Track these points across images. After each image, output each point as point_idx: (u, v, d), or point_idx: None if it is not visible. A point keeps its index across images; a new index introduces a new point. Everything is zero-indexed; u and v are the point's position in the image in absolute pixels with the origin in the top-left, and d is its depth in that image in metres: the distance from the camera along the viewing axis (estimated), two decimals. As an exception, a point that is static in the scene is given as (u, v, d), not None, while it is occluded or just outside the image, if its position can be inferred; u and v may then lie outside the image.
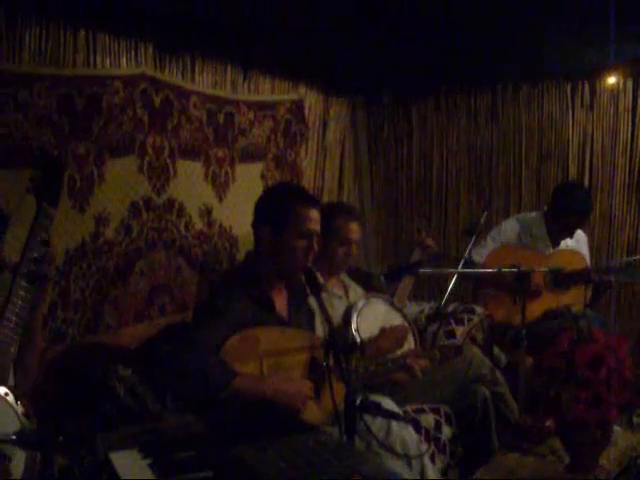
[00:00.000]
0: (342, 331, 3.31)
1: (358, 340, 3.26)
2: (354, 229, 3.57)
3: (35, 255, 2.24)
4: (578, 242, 4.62)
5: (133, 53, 3.53)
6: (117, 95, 3.40)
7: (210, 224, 4.06)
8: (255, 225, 2.91)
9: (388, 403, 2.81)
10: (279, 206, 2.84)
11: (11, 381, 2.15)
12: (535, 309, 4.26)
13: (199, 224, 3.99)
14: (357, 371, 2.87)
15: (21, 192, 2.68)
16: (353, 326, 3.35)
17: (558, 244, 4.54)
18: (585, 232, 4.74)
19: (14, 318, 2.19)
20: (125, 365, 3.00)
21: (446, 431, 3.36)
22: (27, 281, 2.21)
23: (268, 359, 2.65)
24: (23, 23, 2.97)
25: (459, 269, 4.06)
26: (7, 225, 2.66)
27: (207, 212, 4.04)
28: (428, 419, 3.32)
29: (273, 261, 2.84)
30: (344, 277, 3.70)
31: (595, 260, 4.98)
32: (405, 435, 2.83)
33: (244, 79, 4.33)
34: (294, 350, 2.74)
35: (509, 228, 4.60)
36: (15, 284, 2.21)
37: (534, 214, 4.68)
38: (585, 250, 4.69)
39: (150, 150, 3.63)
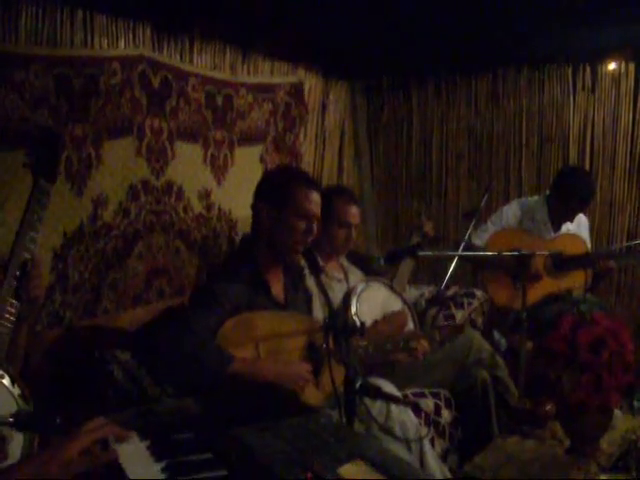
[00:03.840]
0: (342, 314, 3.30)
1: (358, 323, 3.25)
2: (353, 212, 3.56)
3: (18, 273, 2.21)
4: (579, 226, 4.61)
5: (131, 34, 3.49)
6: (115, 76, 3.36)
7: (209, 207, 4.04)
8: (255, 206, 2.89)
9: (388, 386, 2.81)
10: (280, 187, 2.83)
11: None
12: (535, 293, 4.24)
13: (198, 207, 3.96)
14: (356, 353, 2.86)
15: (18, 173, 2.67)
16: (353, 309, 3.34)
17: (559, 228, 4.52)
18: (586, 215, 4.72)
19: (7, 315, 2.17)
20: (123, 349, 2.98)
21: (446, 415, 3.37)
22: (14, 298, 2.19)
23: (265, 343, 2.64)
24: (19, 3, 2.93)
25: (459, 252, 4.04)
26: None
27: (206, 195, 4.02)
28: (428, 403, 3.32)
29: (272, 243, 2.83)
30: (343, 260, 3.69)
31: (595, 245, 4.97)
32: (405, 419, 2.83)
33: (243, 61, 4.30)
34: (291, 333, 2.73)
35: (511, 212, 4.58)
36: (6, 281, 2.18)
37: (536, 198, 4.67)
38: (586, 234, 4.68)
39: (148, 132, 3.60)
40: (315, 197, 2.83)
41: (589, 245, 4.64)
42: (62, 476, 1.48)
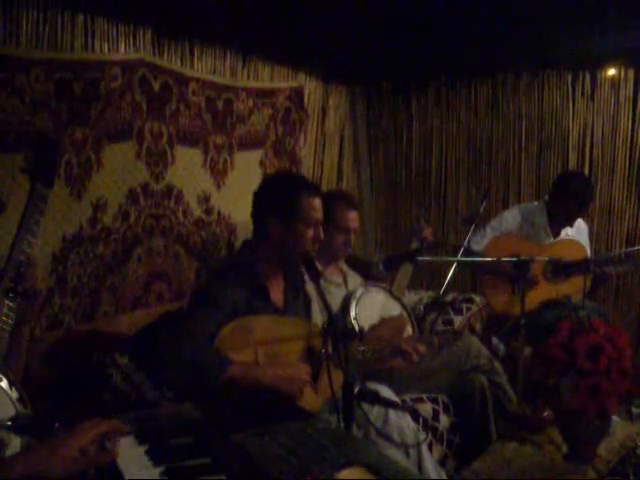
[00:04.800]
0: (340, 318, 3.30)
1: (357, 328, 3.25)
2: (353, 217, 3.56)
3: (20, 269, 2.21)
4: (579, 231, 4.61)
5: (131, 38, 3.49)
6: (115, 80, 3.37)
7: (208, 211, 4.05)
8: (257, 215, 2.89)
9: (386, 392, 2.81)
10: (285, 196, 2.83)
11: None
12: (533, 299, 4.24)
13: (197, 211, 3.97)
14: (354, 358, 2.86)
15: (17, 177, 2.67)
16: (352, 314, 3.34)
17: (559, 233, 4.53)
18: (585, 221, 4.73)
19: (4, 318, 2.17)
20: (122, 352, 2.98)
21: (444, 420, 3.37)
22: (11, 297, 2.19)
23: (263, 347, 2.63)
24: (20, 6, 2.93)
25: (458, 258, 4.04)
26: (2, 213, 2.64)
27: (205, 199, 4.02)
28: (426, 408, 3.32)
29: (279, 250, 2.83)
30: (342, 265, 3.69)
31: (595, 251, 4.97)
32: (403, 424, 2.83)
33: (243, 66, 4.30)
34: (290, 338, 2.72)
35: (510, 217, 4.58)
36: (3, 284, 2.19)
37: (535, 203, 4.68)
38: (585, 239, 4.68)
39: (148, 136, 3.60)
40: (318, 203, 2.85)
41: (588, 250, 4.64)
42: (62, 473, 1.49)
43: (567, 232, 4.54)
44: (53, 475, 1.49)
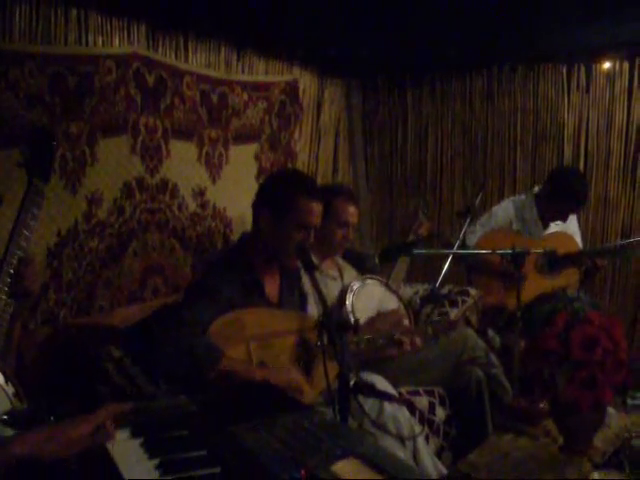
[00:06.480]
0: (336, 311, 3.30)
1: (352, 320, 3.25)
2: (352, 212, 3.55)
3: (13, 269, 2.21)
4: (569, 219, 4.60)
5: (126, 32, 3.48)
6: (110, 74, 3.36)
7: (203, 205, 4.04)
8: (255, 206, 2.89)
9: (381, 382, 2.81)
10: (284, 193, 2.81)
11: None
12: (526, 292, 4.23)
13: (192, 205, 3.97)
14: (348, 348, 2.86)
15: (12, 172, 2.67)
16: (348, 307, 3.34)
17: (549, 225, 4.53)
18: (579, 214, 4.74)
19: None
20: (118, 346, 2.98)
21: (440, 413, 3.37)
22: (7, 296, 2.19)
23: (255, 342, 2.63)
24: (14, 1, 2.92)
25: (454, 250, 4.03)
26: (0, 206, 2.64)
27: (200, 193, 4.02)
28: (422, 401, 3.32)
29: (267, 245, 2.82)
30: (338, 259, 3.68)
31: (589, 243, 4.98)
32: (398, 415, 2.82)
33: (238, 59, 4.30)
34: (283, 332, 2.72)
35: (500, 213, 4.58)
36: None
37: (523, 196, 4.67)
38: (575, 227, 4.68)
39: (143, 130, 3.60)
40: (317, 208, 2.82)
41: (578, 238, 4.64)
42: (58, 455, 1.51)
43: (556, 221, 4.54)
44: (49, 457, 1.52)
